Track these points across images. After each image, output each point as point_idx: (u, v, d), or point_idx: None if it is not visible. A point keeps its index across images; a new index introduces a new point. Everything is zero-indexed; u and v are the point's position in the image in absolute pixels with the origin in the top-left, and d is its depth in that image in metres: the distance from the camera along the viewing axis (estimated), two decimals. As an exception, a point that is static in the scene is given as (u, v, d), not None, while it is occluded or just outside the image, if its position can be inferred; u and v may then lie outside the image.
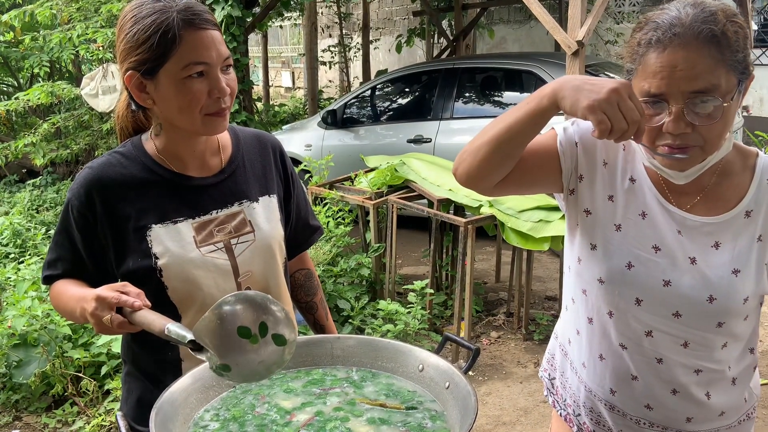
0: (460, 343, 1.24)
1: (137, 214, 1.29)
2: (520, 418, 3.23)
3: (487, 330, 4.17)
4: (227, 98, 1.26)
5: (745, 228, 1.21)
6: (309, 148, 6.40)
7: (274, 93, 15.18)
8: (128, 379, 1.43)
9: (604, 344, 1.32)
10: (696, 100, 1.09)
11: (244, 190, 1.38)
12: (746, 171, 1.23)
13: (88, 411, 3.15)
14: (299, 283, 1.61)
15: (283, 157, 1.50)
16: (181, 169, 1.34)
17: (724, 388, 1.29)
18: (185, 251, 1.29)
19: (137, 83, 1.25)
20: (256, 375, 1.02)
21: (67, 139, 7.32)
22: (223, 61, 1.25)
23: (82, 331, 3.38)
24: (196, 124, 1.26)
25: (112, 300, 1.10)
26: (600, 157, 1.28)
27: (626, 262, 1.23)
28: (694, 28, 1.08)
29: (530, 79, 5.69)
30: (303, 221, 1.54)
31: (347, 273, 4.16)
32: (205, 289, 1.29)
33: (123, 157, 1.33)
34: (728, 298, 1.19)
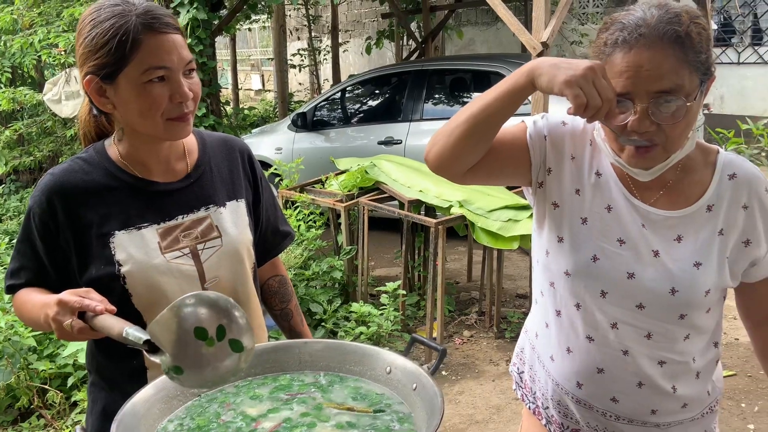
0: (427, 344, 1.24)
1: (100, 221, 1.26)
2: (492, 416, 3.25)
3: (460, 329, 4.19)
4: (190, 103, 1.24)
5: (706, 222, 1.23)
6: (279, 151, 6.36)
7: (244, 96, 15.07)
8: (93, 389, 1.40)
9: (571, 337, 1.34)
10: (660, 99, 1.11)
11: (210, 195, 1.36)
12: (707, 167, 1.26)
13: (55, 423, 3.08)
14: (273, 290, 1.59)
15: (252, 162, 1.48)
16: (145, 174, 1.31)
17: (688, 381, 1.31)
18: (149, 258, 1.27)
19: (97, 88, 1.23)
20: (207, 381, 1.00)
21: (30, 146, 7.17)
22: (185, 65, 1.23)
23: (48, 342, 3.30)
24: (158, 129, 1.24)
25: (74, 304, 1.08)
26: (568, 150, 1.30)
27: (591, 255, 1.26)
28: (659, 29, 1.11)
29: (498, 79, 5.61)
30: (273, 226, 1.52)
31: (319, 276, 4.14)
32: (170, 296, 1.27)
33: (85, 162, 1.30)
34: (690, 290, 1.21)
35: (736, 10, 9.02)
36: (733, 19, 9.30)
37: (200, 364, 0.98)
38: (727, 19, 9.37)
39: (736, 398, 3.31)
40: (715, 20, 8.52)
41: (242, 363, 1.01)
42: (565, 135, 1.31)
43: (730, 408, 3.23)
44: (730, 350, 3.78)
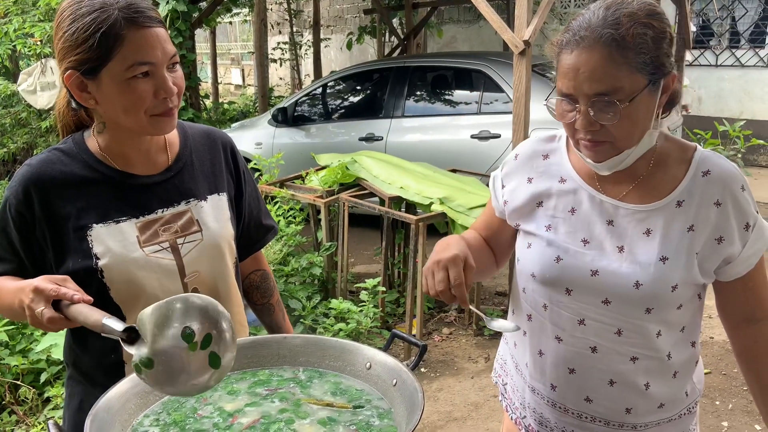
0: (408, 339, 1.23)
1: (77, 213, 1.24)
2: (471, 413, 3.26)
3: (439, 327, 4.20)
4: (174, 98, 1.22)
5: (676, 217, 1.24)
6: (259, 146, 6.31)
7: (224, 90, 14.94)
8: (70, 383, 1.38)
9: (542, 339, 1.36)
10: (598, 101, 1.14)
11: (191, 189, 1.34)
12: (683, 163, 1.27)
13: (27, 420, 3.03)
14: (255, 285, 1.57)
15: (235, 154, 1.46)
16: (125, 167, 1.29)
17: (663, 379, 1.31)
18: (128, 251, 1.24)
19: (77, 83, 1.20)
20: (174, 385, 0.96)
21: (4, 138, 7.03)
22: (169, 60, 1.20)
23: (20, 337, 3.24)
24: (143, 124, 1.22)
25: (49, 292, 1.06)
26: (524, 176, 1.40)
27: (555, 257, 1.30)
28: (596, 32, 1.14)
29: (480, 77, 5.76)
30: (255, 220, 1.50)
31: (299, 272, 4.12)
32: (149, 290, 1.25)
33: (63, 154, 1.28)
34: (654, 284, 1.22)
35: (715, 12, 9.15)
36: (711, 22, 9.43)
37: (175, 366, 0.95)
38: (705, 22, 9.49)
39: (710, 396, 3.36)
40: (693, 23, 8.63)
41: (212, 381, 0.98)
42: (517, 167, 1.42)
43: (704, 406, 3.28)
44: (705, 348, 3.84)
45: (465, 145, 5.56)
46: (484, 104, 5.68)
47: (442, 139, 5.69)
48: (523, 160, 1.42)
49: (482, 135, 5.52)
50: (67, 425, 1.36)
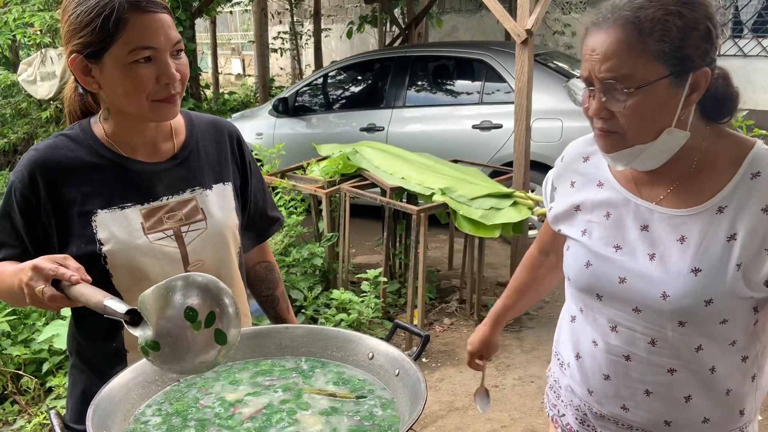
0: (410, 330, 1.23)
1: (82, 199, 1.24)
2: (472, 403, 3.26)
3: (441, 317, 4.20)
4: (177, 84, 1.21)
5: (715, 224, 1.13)
6: (260, 136, 6.30)
7: (224, 80, 14.89)
8: (73, 371, 1.38)
9: (581, 342, 1.33)
10: (608, 86, 1.08)
11: (196, 177, 1.34)
12: (733, 164, 1.14)
13: (29, 409, 3.04)
14: (260, 276, 1.57)
15: (241, 145, 1.46)
16: (131, 153, 1.29)
17: (709, 393, 1.21)
18: (132, 238, 1.25)
19: (81, 66, 1.20)
20: (182, 365, 0.96)
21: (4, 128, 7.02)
22: (173, 46, 1.19)
23: (22, 327, 3.25)
24: (144, 110, 1.21)
25: (48, 272, 1.05)
26: (567, 180, 1.36)
27: (585, 262, 1.26)
28: (617, 14, 1.08)
29: (481, 67, 5.73)
30: (261, 211, 1.50)
31: (300, 263, 4.12)
32: (152, 278, 1.25)
33: (70, 139, 1.28)
34: (684, 297, 1.13)
35: (718, 2, 9.10)
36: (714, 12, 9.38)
37: (181, 347, 0.94)
38: (707, 12, 9.45)
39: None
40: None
41: (220, 357, 0.98)
42: (563, 170, 1.38)
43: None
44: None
45: (466, 136, 5.54)
46: (486, 94, 5.66)
47: (444, 130, 5.67)
48: (567, 162, 1.38)
49: (484, 125, 5.50)
50: (69, 414, 1.37)
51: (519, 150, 4.16)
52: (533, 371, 3.55)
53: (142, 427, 1.01)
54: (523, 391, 3.36)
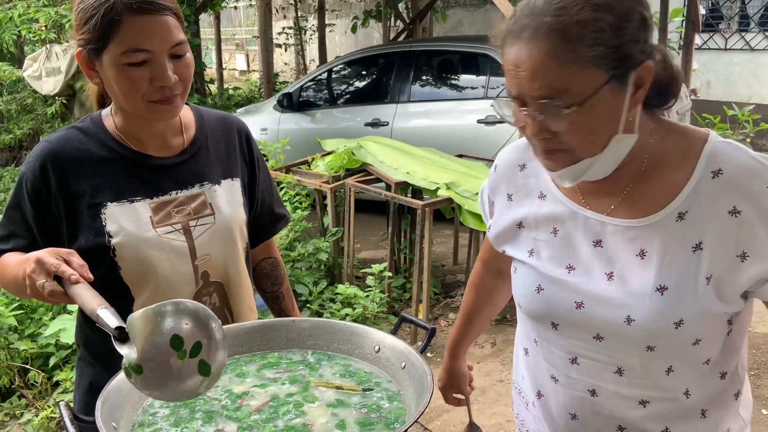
0: (416, 323, 1.23)
1: (92, 191, 1.25)
2: (477, 398, 3.27)
3: (445, 312, 4.20)
4: (176, 86, 1.20)
5: (677, 234, 0.99)
6: (264, 132, 6.30)
7: (228, 76, 14.88)
8: (81, 363, 1.39)
9: (539, 378, 1.19)
10: (545, 105, 0.93)
11: (206, 172, 1.35)
12: (688, 161, 1.00)
13: (36, 403, 3.06)
14: (265, 273, 1.58)
15: (249, 141, 1.46)
16: (141, 148, 1.30)
17: (687, 422, 1.09)
18: (141, 231, 1.25)
19: (86, 60, 1.22)
20: (164, 392, 0.94)
21: (9, 124, 7.04)
22: (172, 48, 1.18)
23: (29, 322, 3.26)
24: (140, 110, 1.22)
25: (50, 267, 1.05)
26: (503, 193, 1.20)
27: (536, 285, 1.11)
28: (538, 20, 0.92)
29: (486, 62, 5.72)
30: (268, 208, 1.50)
31: (305, 258, 4.12)
32: (160, 271, 1.26)
33: (81, 132, 1.29)
34: (651, 321, 0.99)
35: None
36: (720, 5, 9.32)
37: (163, 373, 0.92)
38: (714, 5, 9.39)
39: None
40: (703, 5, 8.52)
41: (202, 388, 0.96)
42: (497, 180, 1.21)
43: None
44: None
45: (471, 130, 5.53)
46: (491, 89, 5.65)
47: (449, 125, 5.66)
48: (501, 173, 1.20)
49: (489, 120, 5.49)
50: (77, 406, 1.38)
51: (524, 144, 4.14)
52: (538, 366, 3.55)
53: (150, 419, 1.01)
54: (528, 385, 3.36)
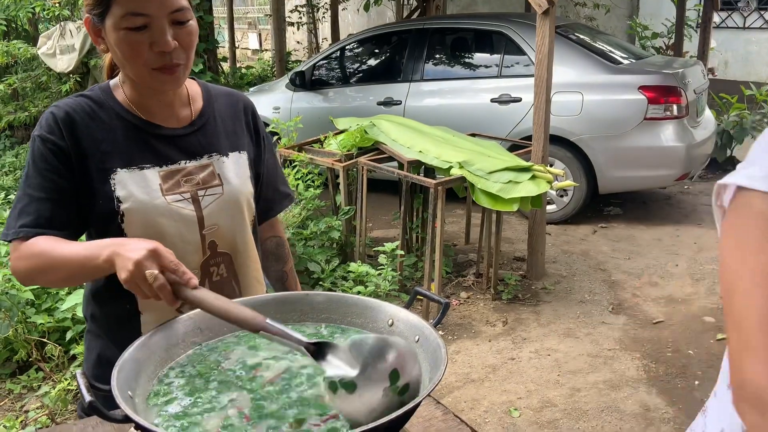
0: (430, 297, 1.22)
1: (102, 156, 1.25)
2: (488, 375, 3.28)
3: (457, 290, 4.21)
4: (178, 54, 1.20)
5: None
6: (277, 110, 6.29)
7: (241, 55, 14.83)
8: (89, 336, 1.40)
9: None
10: None
11: (214, 144, 1.35)
12: None
13: (53, 376, 3.11)
14: (270, 251, 1.57)
15: (255, 118, 1.47)
16: (150, 117, 1.30)
17: None
18: (150, 198, 1.25)
19: (92, 27, 1.23)
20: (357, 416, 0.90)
21: (25, 101, 7.08)
22: (171, 13, 1.17)
23: (45, 296, 3.30)
24: (144, 77, 1.22)
25: (168, 264, 1.04)
26: None
27: None
28: None
29: (501, 39, 5.65)
30: (273, 186, 1.50)
31: (317, 236, 4.13)
32: (168, 239, 1.25)
33: (90, 100, 1.29)
34: None
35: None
36: (740, -17, 9.13)
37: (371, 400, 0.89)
38: (734, -17, 9.20)
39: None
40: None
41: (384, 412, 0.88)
42: None
43: (723, 370, 3.27)
44: (724, 314, 3.81)
45: (485, 109, 5.49)
46: (505, 67, 5.59)
47: (462, 103, 5.62)
48: None
49: (503, 99, 5.44)
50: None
51: (538, 123, 4.11)
52: (550, 344, 3.55)
53: (165, 389, 1.02)
54: (539, 363, 3.37)
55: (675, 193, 6.13)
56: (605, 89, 5.11)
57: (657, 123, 5.00)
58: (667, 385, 3.16)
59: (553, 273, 4.44)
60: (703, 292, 4.08)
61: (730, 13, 9.08)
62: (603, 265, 4.58)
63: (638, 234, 5.15)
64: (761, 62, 8.96)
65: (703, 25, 7.42)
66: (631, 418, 2.92)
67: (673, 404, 3.01)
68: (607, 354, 3.45)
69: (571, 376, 3.25)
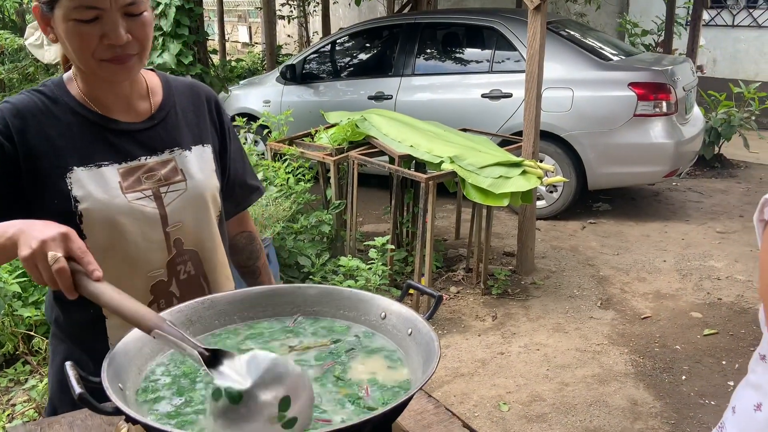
0: (423, 290, 1.22)
1: (57, 154, 1.19)
2: (478, 370, 3.29)
3: (447, 285, 4.22)
4: (129, 46, 1.16)
5: None
6: (267, 104, 6.26)
7: (231, 48, 14.74)
8: (53, 341, 1.35)
9: None
10: None
11: (175, 138, 1.30)
12: None
13: (40, 369, 3.08)
14: (240, 247, 1.52)
15: (219, 109, 1.42)
16: (106, 112, 1.25)
17: None
18: (110, 197, 1.20)
19: (42, 16, 1.17)
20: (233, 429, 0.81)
21: (11, 93, 6.98)
22: (125, 6, 1.13)
23: (32, 289, 3.27)
24: (93, 68, 1.17)
25: (76, 250, 0.95)
26: None
27: None
28: None
29: (492, 35, 5.65)
30: (240, 179, 1.45)
31: (308, 230, 4.12)
32: (130, 238, 1.22)
33: (44, 96, 1.23)
34: None
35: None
36: (729, -19, 9.18)
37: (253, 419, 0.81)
38: (723, -19, 9.25)
39: (717, 356, 3.38)
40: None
41: None
42: None
43: (711, 365, 3.30)
44: (713, 309, 3.84)
45: (476, 105, 5.50)
46: (496, 63, 5.59)
47: (453, 99, 5.62)
48: None
49: (493, 94, 5.45)
50: (50, 383, 1.34)
51: (529, 118, 4.12)
52: (539, 339, 3.57)
53: (153, 385, 1.01)
54: (528, 358, 3.38)
55: (663, 189, 6.17)
56: (595, 85, 5.13)
57: (646, 119, 5.03)
58: (655, 380, 3.19)
59: (543, 268, 4.46)
60: (691, 287, 4.11)
61: (719, 11, 9.13)
62: (592, 260, 4.60)
63: (627, 230, 5.18)
64: (749, 60, 9.02)
65: (693, 23, 7.46)
66: (618, 412, 2.94)
67: (660, 398, 3.04)
68: (595, 349, 3.47)
69: (559, 370, 3.27)
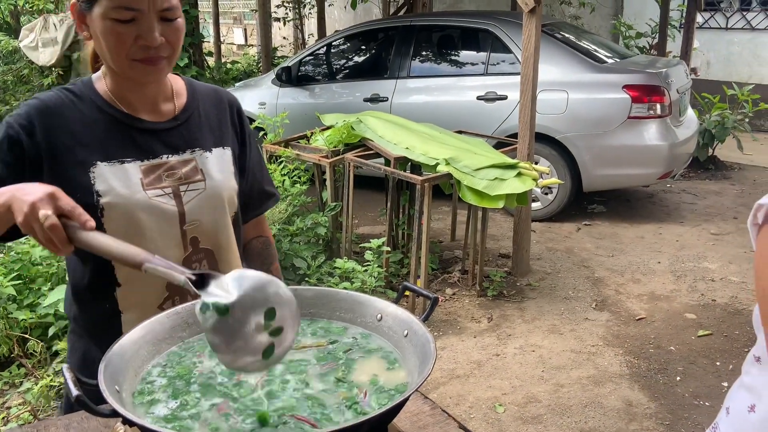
0: (419, 291, 1.23)
1: (82, 149, 1.23)
2: (473, 371, 3.30)
3: (443, 287, 4.22)
4: (162, 48, 1.20)
5: None
6: (263, 106, 6.26)
7: (226, 50, 14.73)
8: (72, 336, 1.39)
9: None
10: None
11: (197, 139, 1.34)
12: None
13: (36, 372, 3.07)
14: (256, 251, 1.55)
15: (240, 115, 1.46)
16: (132, 111, 1.29)
17: None
18: (131, 192, 1.24)
19: (78, 13, 1.22)
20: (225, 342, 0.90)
21: (6, 95, 6.97)
22: (161, 9, 1.18)
23: (27, 291, 3.26)
24: (124, 68, 1.21)
25: (64, 206, 0.99)
26: None
27: None
28: None
29: (487, 37, 5.67)
30: (258, 186, 1.49)
31: (303, 232, 4.12)
32: (148, 234, 1.25)
33: (72, 93, 1.28)
34: None
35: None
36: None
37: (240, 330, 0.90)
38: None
39: (711, 357, 3.40)
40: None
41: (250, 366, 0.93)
42: None
43: (705, 366, 3.31)
44: (707, 311, 3.86)
45: (471, 107, 5.51)
46: (491, 65, 5.61)
47: (448, 101, 5.63)
48: None
49: (489, 96, 5.46)
50: None
51: (524, 120, 4.13)
52: (534, 341, 3.58)
53: (149, 387, 1.01)
54: (523, 359, 3.39)
55: (658, 191, 6.19)
56: (590, 88, 5.15)
57: (640, 122, 5.05)
58: (649, 381, 3.20)
59: (538, 270, 4.47)
60: (685, 289, 4.13)
61: (713, 13, 9.18)
62: (587, 262, 4.62)
63: (621, 231, 5.20)
64: (743, 62, 9.06)
65: (687, 26, 7.50)
66: (613, 413, 2.95)
67: (655, 399, 3.05)
68: (590, 350, 3.48)
69: (555, 371, 3.28)
